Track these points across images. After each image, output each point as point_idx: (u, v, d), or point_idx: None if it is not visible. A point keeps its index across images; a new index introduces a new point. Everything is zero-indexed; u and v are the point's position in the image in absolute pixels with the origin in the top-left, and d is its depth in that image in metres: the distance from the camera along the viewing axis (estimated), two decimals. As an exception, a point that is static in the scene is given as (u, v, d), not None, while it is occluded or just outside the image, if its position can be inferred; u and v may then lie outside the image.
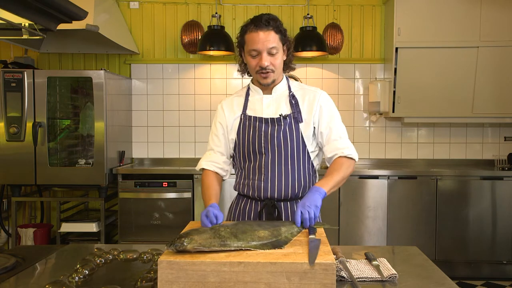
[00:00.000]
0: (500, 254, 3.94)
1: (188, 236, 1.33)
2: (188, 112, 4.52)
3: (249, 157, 1.90)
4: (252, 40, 1.80)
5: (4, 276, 1.48)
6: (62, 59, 4.52)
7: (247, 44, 1.83)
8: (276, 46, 1.81)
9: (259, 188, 1.87)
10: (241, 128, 1.91)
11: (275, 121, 1.86)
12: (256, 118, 1.89)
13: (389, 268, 1.48)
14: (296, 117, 1.87)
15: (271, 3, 4.42)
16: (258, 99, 1.93)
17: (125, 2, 4.45)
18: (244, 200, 1.95)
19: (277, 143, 1.85)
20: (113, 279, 1.46)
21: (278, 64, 1.84)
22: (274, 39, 1.80)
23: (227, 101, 2.00)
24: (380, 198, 3.93)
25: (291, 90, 1.93)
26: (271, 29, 1.80)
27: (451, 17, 4.07)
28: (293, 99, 1.90)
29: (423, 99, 4.15)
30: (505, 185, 3.93)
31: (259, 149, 1.87)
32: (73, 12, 1.73)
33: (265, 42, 1.78)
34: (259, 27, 1.79)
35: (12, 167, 3.74)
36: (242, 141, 1.90)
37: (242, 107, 1.93)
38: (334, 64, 4.48)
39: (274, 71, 1.83)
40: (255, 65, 1.82)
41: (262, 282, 1.24)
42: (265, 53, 1.79)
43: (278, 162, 1.86)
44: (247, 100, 1.95)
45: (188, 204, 3.92)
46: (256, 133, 1.87)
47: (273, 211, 1.87)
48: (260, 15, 1.83)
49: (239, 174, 1.97)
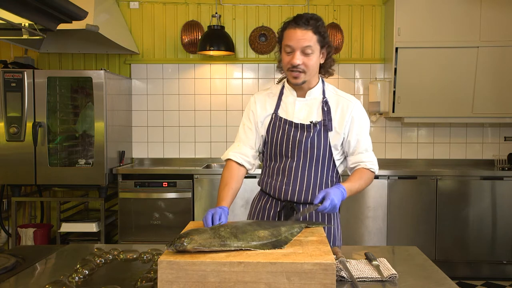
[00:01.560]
0: (500, 254, 3.94)
1: (188, 236, 1.33)
2: (188, 112, 4.52)
3: (275, 158, 1.91)
4: (288, 36, 1.79)
5: (4, 276, 1.48)
6: (62, 59, 4.52)
7: (284, 39, 1.82)
8: (311, 46, 1.78)
9: (280, 189, 1.88)
10: (271, 128, 1.90)
11: (305, 127, 1.85)
12: (286, 121, 1.88)
13: (389, 268, 1.48)
14: (326, 125, 1.85)
15: (271, 3, 4.42)
16: (291, 101, 1.91)
17: (125, 2, 4.45)
18: (266, 197, 1.96)
19: (303, 149, 1.84)
20: (113, 279, 1.46)
21: (311, 65, 1.81)
22: (310, 39, 1.78)
23: (261, 96, 1.98)
24: (380, 198, 3.93)
25: (325, 96, 1.91)
26: (310, 28, 1.78)
27: (451, 17, 4.07)
28: (326, 105, 1.88)
29: (423, 99, 4.15)
30: (505, 185, 3.93)
31: (285, 152, 1.87)
32: (73, 12, 1.73)
33: (300, 40, 1.77)
34: (298, 24, 1.78)
35: (12, 167, 3.74)
36: (270, 141, 1.90)
37: (275, 106, 1.92)
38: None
39: (306, 72, 1.81)
40: (287, 62, 1.81)
41: (262, 282, 1.24)
42: (298, 51, 1.78)
43: (303, 167, 1.86)
44: (280, 99, 1.93)
45: (188, 204, 3.92)
46: (285, 136, 1.86)
47: (291, 213, 1.86)
48: (303, 14, 1.82)
49: (264, 171, 1.97)
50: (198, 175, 3.92)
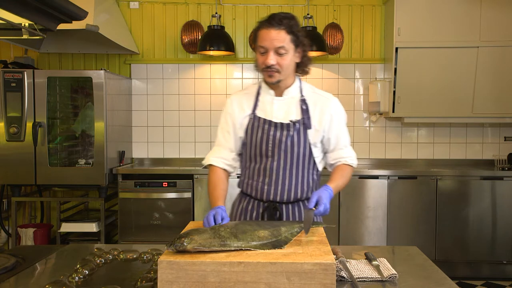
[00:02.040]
0: (500, 254, 3.94)
1: (188, 236, 1.33)
2: (188, 112, 4.52)
3: (255, 158, 1.89)
4: (262, 37, 1.79)
5: (4, 276, 1.48)
6: (62, 59, 4.52)
7: (258, 40, 1.82)
8: (285, 46, 1.78)
9: (262, 190, 1.87)
10: (250, 128, 1.89)
11: (285, 126, 1.85)
12: (265, 121, 1.87)
13: (389, 268, 1.48)
14: (306, 124, 1.85)
15: (271, 3, 4.42)
16: (269, 100, 1.90)
17: (125, 2, 4.45)
18: (247, 199, 1.95)
19: (284, 148, 1.84)
20: (113, 279, 1.46)
21: (286, 65, 1.80)
22: (284, 39, 1.77)
23: (237, 97, 1.97)
24: (380, 198, 3.93)
25: (303, 94, 1.90)
26: (283, 28, 1.77)
27: (451, 17, 4.07)
28: (304, 104, 1.88)
29: (423, 99, 4.15)
30: (505, 185, 3.93)
31: (265, 152, 1.86)
32: (73, 12, 1.73)
33: (273, 41, 1.76)
34: (272, 24, 1.77)
35: (12, 167, 3.74)
36: (250, 142, 1.89)
37: (252, 106, 1.91)
38: (334, 64, 4.48)
39: (280, 71, 1.80)
40: (261, 62, 1.81)
41: (262, 282, 1.24)
42: (272, 52, 1.77)
43: (283, 166, 1.85)
44: (257, 99, 1.92)
45: (188, 204, 3.92)
46: (264, 136, 1.85)
47: (274, 213, 1.87)
48: (277, 13, 1.82)
49: (244, 172, 1.96)
50: (198, 175, 3.92)
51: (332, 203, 3.78)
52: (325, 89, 2.07)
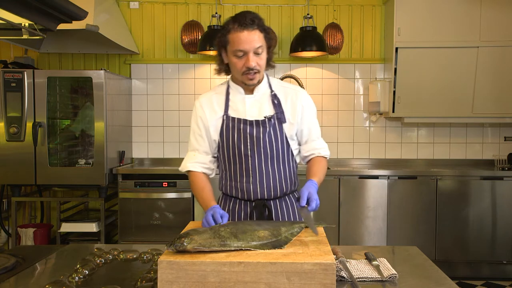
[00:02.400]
0: (500, 254, 3.94)
1: (188, 236, 1.33)
2: (188, 112, 4.52)
3: (234, 159, 1.86)
4: (237, 40, 1.73)
5: (4, 276, 1.48)
6: (62, 59, 4.52)
7: (231, 44, 1.75)
8: (262, 45, 1.77)
9: (248, 190, 1.87)
10: (224, 130, 1.86)
11: (260, 123, 1.84)
12: (240, 120, 1.85)
13: (389, 268, 1.48)
14: (280, 118, 1.85)
15: (271, 3, 4.42)
16: (240, 99, 1.88)
17: (125, 2, 4.45)
18: (233, 200, 1.94)
19: (263, 145, 1.83)
20: (113, 279, 1.46)
21: (263, 64, 1.81)
22: (259, 38, 1.75)
23: (206, 98, 1.92)
24: (380, 198, 3.93)
25: (272, 89, 1.90)
26: (256, 28, 1.75)
27: (451, 17, 4.07)
28: (276, 99, 1.88)
29: (423, 99, 4.15)
30: (505, 185, 3.93)
31: (244, 151, 1.84)
32: (73, 12, 1.73)
33: (251, 42, 1.73)
34: (245, 26, 1.72)
35: (12, 167, 3.74)
36: (227, 143, 1.86)
37: (224, 106, 1.88)
38: (334, 64, 4.48)
39: (260, 71, 1.80)
40: (241, 66, 1.76)
41: (262, 282, 1.24)
42: (251, 54, 1.74)
43: (265, 163, 1.85)
44: (228, 99, 1.89)
45: (188, 204, 3.92)
46: (241, 135, 1.83)
47: (263, 211, 1.87)
48: (243, 13, 1.76)
49: (224, 175, 1.93)
50: (198, 175, 3.91)
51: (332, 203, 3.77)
52: (325, 89, 2.08)
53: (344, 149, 4.53)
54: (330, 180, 3.91)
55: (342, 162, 4.49)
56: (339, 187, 3.91)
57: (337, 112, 4.49)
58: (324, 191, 3.85)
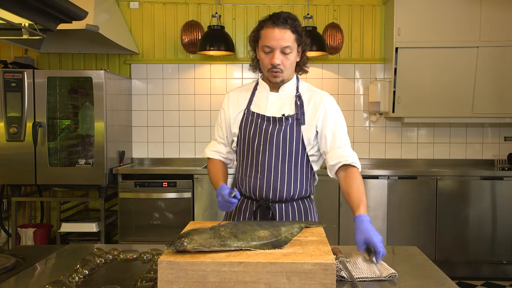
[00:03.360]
0: (500, 254, 3.94)
1: (188, 236, 1.33)
2: (188, 112, 4.52)
3: (247, 153, 1.89)
4: (267, 36, 1.78)
5: (4, 276, 1.48)
6: (62, 59, 4.52)
7: (262, 39, 1.80)
8: (290, 45, 1.78)
9: (254, 186, 1.87)
10: (243, 123, 1.90)
11: (277, 121, 1.84)
12: (259, 115, 1.87)
13: (389, 267, 1.48)
14: (299, 119, 1.83)
15: (271, 3, 4.42)
16: (264, 96, 1.91)
17: (125, 2, 4.45)
18: (241, 199, 1.95)
19: (275, 143, 1.83)
20: (113, 279, 1.46)
21: (289, 64, 1.82)
22: (289, 38, 1.78)
23: (235, 93, 1.99)
24: (380, 198, 3.93)
25: (299, 91, 1.90)
26: (288, 28, 1.78)
27: (451, 17, 4.08)
28: (299, 100, 1.87)
29: (423, 99, 4.15)
30: (505, 185, 3.93)
31: (257, 147, 1.85)
32: (73, 12, 1.73)
33: (279, 40, 1.76)
34: (277, 24, 1.77)
35: (12, 167, 3.74)
36: (243, 137, 1.89)
37: (248, 101, 1.92)
38: (334, 64, 4.48)
39: (284, 71, 1.81)
40: (267, 62, 1.80)
41: (262, 282, 1.24)
42: (278, 51, 1.77)
43: (275, 162, 1.84)
44: (254, 95, 1.93)
45: (188, 204, 3.92)
46: (257, 130, 1.85)
47: (267, 212, 1.87)
48: (280, 13, 1.81)
49: (238, 169, 1.97)
50: (198, 175, 3.92)
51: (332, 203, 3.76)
52: (325, 89, 2.07)
53: (344, 149, 4.52)
54: (330, 180, 3.87)
55: (342, 162, 4.48)
56: (339, 187, 3.89)
57: (337, 112, 4.49)
58: (324, 191, 3.86)
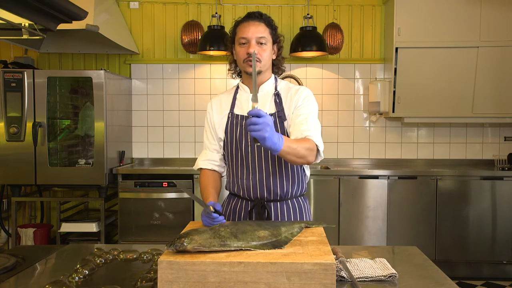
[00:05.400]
0: (500, 254, 3.94)
1: (188, 236, 1.33)
2: (188, 112, 4.52)
3: (236, 156, 1.90)
4: (242, 29, 1.85)
5: (4, 276, 1.48)
6: (62, 59, 4.52)
7: (237, 34, 1.87)
8: (265, 37, 1.84)
9: (248, 187, 1.88)
10: (229, 127, 1.92)
11: None
12: (243, 117, 1.89)
13: (389, 267, 1.48)
14: (281, 116, 1.87)
15: (271, 3, 4.42)
16: (245, 97, 1.94)
17: (125, 2, 4.45)
18: (235, 199, 1.96)
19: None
20: (113, 279, 1.46)
21: (266, 56, 1.85)
22: (264, 30, 1.85)
23: (216, 99, 2.03)
24: (380, 198, 3.93)
25: (277, 89, 1.93)
26: (262, 21, 1.86)
27: (451, 17, 4.08)
28: (278, 97, 1.90)
29: (423, 99, 4.15)
30: (505, 185, 3.93)
31: (245, 148, 1.87)
32: (73, 12, 1.73)
33: (255, 32, 1.83)
34: (251, 17, 1.86)
35: (12, 167, 3.74)
36: (230, 140, 1.91)
37: (230, 105, 1.95)
38: (334, 64, 4.48)
39: (261, 61, 1.84)
40: (243, 53, 1.83)
41: (262, 282, 1.24)
42: (253, 41, 1.82)
43: (265, 160, 1.85)
44: (235, 98, 1.96)
45: (188, 204, 3.92)
46: (243, 132, 1.87)
47: (262, 212, 1.88)
48: (254, 11, 1.90)
49: (228, 172, 1.98)
50: (198, 175, 3.90)
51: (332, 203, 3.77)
52: (325, 89, 2.08)
53: (344, 149, 4.53)
54: (330, 180, 3.92)
55: (342, 162, 4.49)
56: (339, 187, 3.91)
57: (337, 112, 4.50)
58: (324, 191, 3.86)
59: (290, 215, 1.91)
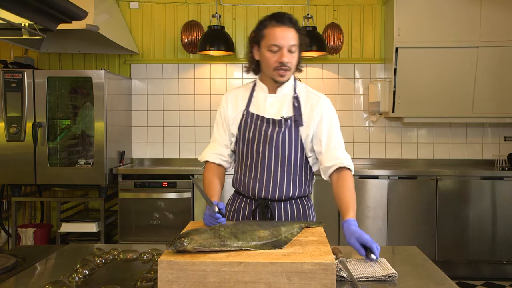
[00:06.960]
0: (500, 254, 3.94)
1: (188, 236, 1.33)
2: (188, 112, 4.52)
3: (246, 154, 1.89)
4: (273, 35, 1.77)
5: (4, 276, 1.48)
6: (62, 59, 4.52)
7: (266, 38, 1.79)
8: (296, 44, 1.80)
9: (253, 187, 1.87)
10: (243, 124, 1.90)
11: (276, 123, 1.84)
12: (258, 117, 1.87)
13: (389, 268, 1.48)
14: (297, 120, 1.84)
15: (271, 3, 4.42)
16: (262, 97, 1.91)
17: (125, 2, 4.45)
18: (240, 198, 1.96)
19: (275, 145, 1.84)
20: (113, 279, 1.46)
21: (295, 63, 1.83)
22: (294, 37, 1.80)
23: (232, 93, 1.98)
24: (380, 198, 3.93)
25: (296, 92, 1.90)
26: (293, 27, 1.80)
27: (451, 17, 4.08)
28: (296, 101, 1.88)
29: (423, 99, 4.15)
30: (505, 185, 3.93)
31: (257, 148, 1.86)
32: (73, 12, 1.73)
33: (287, 39, 1.77)
34: (282, 22, 1.79)
35: (12, 167, 3.74)
36: (243, 138, 1.90)
37: (246, 102, 1.92)
38: (334, 64, 4.48)
39: (291, 69, 1.82)
40: (274, 61, 1.79)
41: (262, 282, 1.24)
42: (285, 49, 1.77)
43: (275, 163, 1.85)
44: (252, 95, 1.93)
45: (188, 204, 3.92)
46: (257, 132, 1.86)
47: (266, 211, 1.87)
48: (282, 12, 1.83)
49: (237, 170, 1.97)
50: (198, 175, 3.91)
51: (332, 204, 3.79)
52: (325, 89, 2.08)
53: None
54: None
55: (342, 162, 4.48)
56: (339, 187, 3.90)
57: (337, 112, 4.48)
58: (324, 191, 3.86)
59: (293, 215, 1.90)
